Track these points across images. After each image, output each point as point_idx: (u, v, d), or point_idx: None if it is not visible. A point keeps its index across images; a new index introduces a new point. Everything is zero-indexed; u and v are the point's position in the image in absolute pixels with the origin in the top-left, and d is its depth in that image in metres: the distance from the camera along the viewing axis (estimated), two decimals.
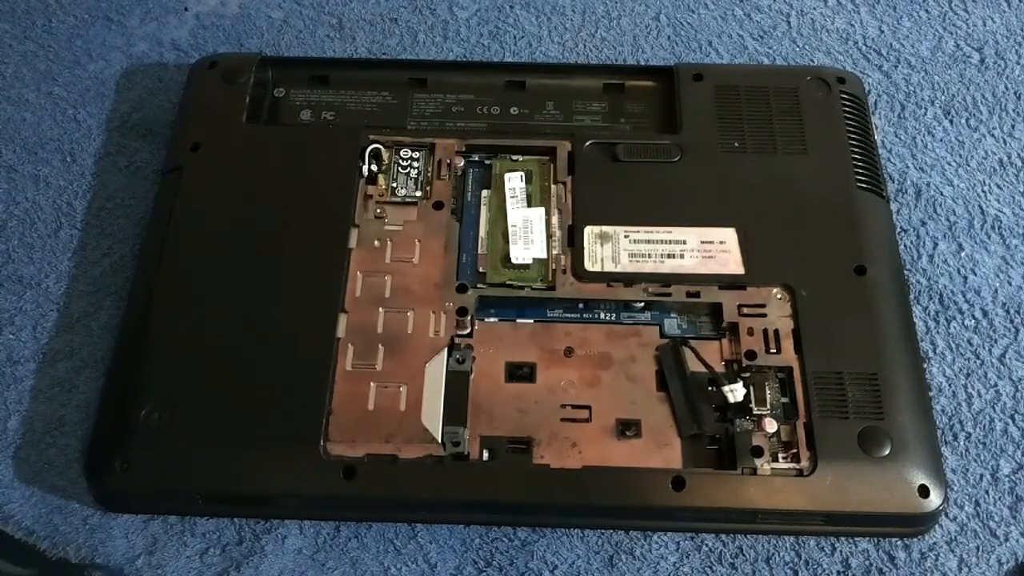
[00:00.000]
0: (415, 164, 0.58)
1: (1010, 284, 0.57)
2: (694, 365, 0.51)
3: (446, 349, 0.51)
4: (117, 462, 0.48)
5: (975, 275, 0.58)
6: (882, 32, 0.69)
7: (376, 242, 0.55)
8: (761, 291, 0.53)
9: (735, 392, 0.49)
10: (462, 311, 0.52)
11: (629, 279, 0.53)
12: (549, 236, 0.56)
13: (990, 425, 0.53)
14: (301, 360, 0.50)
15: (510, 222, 0.56)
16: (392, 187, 0.57)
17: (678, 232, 0.55)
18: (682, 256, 0.54)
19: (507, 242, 0.55)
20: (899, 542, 0.49)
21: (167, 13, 0.70)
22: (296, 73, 0.63)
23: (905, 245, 0.59)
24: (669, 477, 0.48)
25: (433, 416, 0.49)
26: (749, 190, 0.56)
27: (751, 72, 0.64)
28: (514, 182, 0.57)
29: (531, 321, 0.53)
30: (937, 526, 0.50)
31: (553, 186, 0.57)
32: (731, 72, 0.63)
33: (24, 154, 0.63)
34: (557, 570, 0.49)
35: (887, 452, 0.48)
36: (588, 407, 0.50)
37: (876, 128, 0.63)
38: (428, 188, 0.57)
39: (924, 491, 0.47)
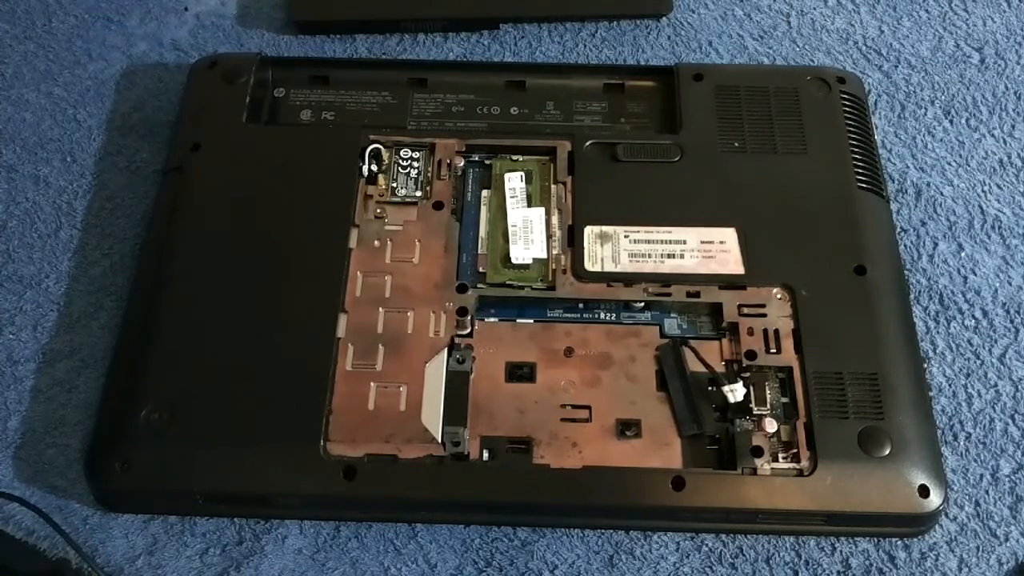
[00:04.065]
0: (415, 164, 0.58)
1: (1010, 284, 0.57)
2: (694, 365, 0.51)
3: (446, 349, 0.51)
4: (117, 462, 0.48)
5: (975, 275, 0.58)
6: (882, 32, 0.69)
7: (376, 242, 0.55)
8: (761, 291, 0.53)
9: (735, 392, 0.49)
10: (462, 311, 0.52)
11: (629, 279, 0.53)
12: (549, 236, 0.56)
13: (990, 425, 0.53)
14: (301, 360, 0.50)
15: (510, 222, 0.56)
16: (392, 187, 0.57)
17: (678, 232, 0.55)
18: (682, 256, 0.54)
19: (507, 242, 0.55)
20: (899, 542, 0.49)
21: (167, 13, 0.70)
22: (296, 73, 0.63)
23: (905, 245, 0.59)
24: (669, 477, 0.48)
25: (433, 416, 0.49)
26: (749, 190, 0.56)
27: (751, 72, 0.64)
28: (514, 182, 0.57)
29: (531, 321, 0.53)
30: (937, 526, 0.50)
31: (553, 186, 0.57)
32: (731, 72, 0.63)
33: (24, 154, 0.63)
34: (557, 570, 0.49)
35: (887, 452, 0.48)
36: (588, 407, 0.50)
37: (876, 128, 0.63)
38: (428, 188, 0.57)
39: (924, 491, 0.47)
